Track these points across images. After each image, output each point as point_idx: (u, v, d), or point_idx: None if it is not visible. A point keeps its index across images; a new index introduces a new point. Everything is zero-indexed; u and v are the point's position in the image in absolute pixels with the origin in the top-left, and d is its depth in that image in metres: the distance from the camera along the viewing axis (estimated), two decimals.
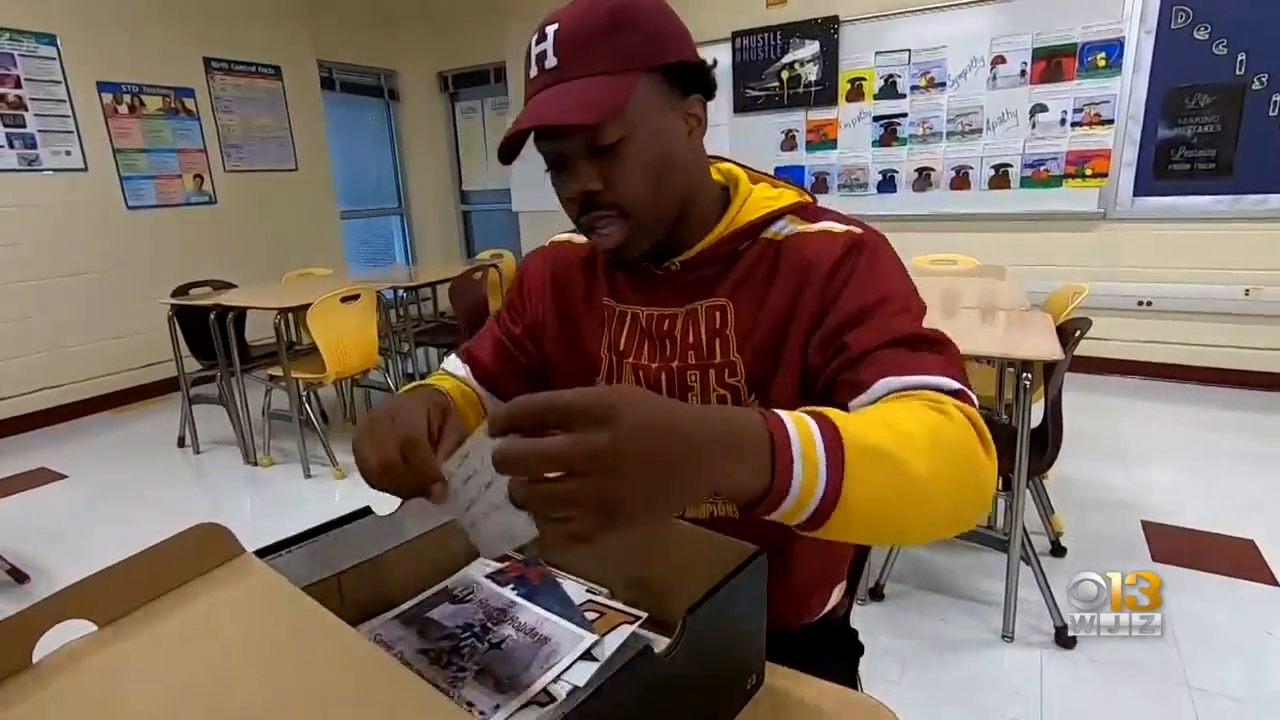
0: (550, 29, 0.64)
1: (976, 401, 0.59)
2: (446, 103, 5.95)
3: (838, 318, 0.67)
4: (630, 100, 0.63)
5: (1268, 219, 3.25)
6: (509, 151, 0.67)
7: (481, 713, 0.50)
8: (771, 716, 0.56)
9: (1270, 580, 1.92)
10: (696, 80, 0.69)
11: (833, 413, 0.48)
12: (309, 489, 2.86)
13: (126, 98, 3.96)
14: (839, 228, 0.72)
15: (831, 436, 0.45)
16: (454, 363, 0.89)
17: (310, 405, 3.12)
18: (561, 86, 0.64)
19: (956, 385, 0.59)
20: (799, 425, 0.45)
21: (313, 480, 2.91)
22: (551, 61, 0.64)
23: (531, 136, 0.66)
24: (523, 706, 0.51)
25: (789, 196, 0.75)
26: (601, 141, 0.64)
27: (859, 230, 0.72)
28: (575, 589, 0.66)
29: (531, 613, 0.61)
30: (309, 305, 2.78)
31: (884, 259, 0.70)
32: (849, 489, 0.44)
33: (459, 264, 4.24)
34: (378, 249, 6.03)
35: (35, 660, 0.46)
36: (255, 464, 3.09)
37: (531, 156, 0.71)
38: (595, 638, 0.56)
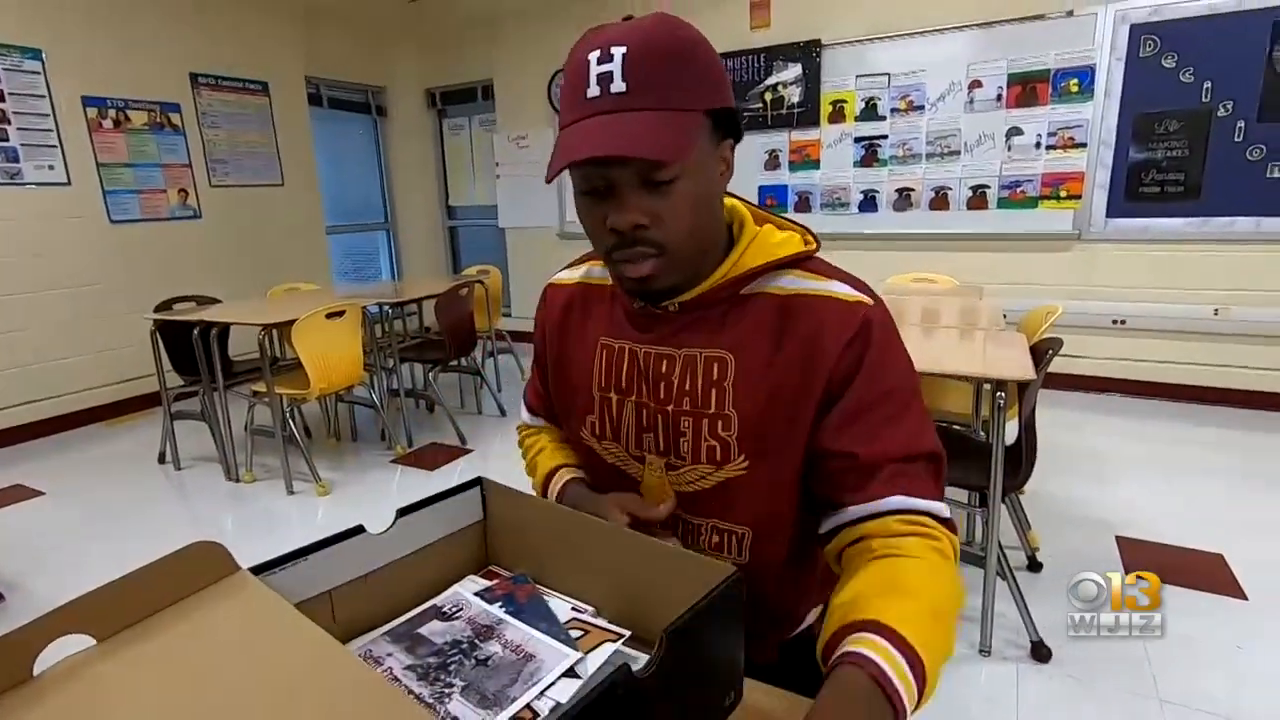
0: (618, 50, 0.61)
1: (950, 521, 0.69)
2: (434, 119, 5.99)
3: (853, 403, 0.69)
4: (696, 141, 0.64)
5: (1235, 241, 3.36)
6: (557, 170, 0.65)
7: None
8: None
9: (1239, 594, 1.97)
10: (732, 124, 0.70)
11: (906, 630, 0.56)
12: (292, 505, 2.84)
13: (111, 112, 3.96)
14: (848, 294, 0.71)
15: (915, 664, 0.55)
16: (524, 415, 1.01)
17: (294, 421, 3.11)
18: (634, 115, 0.61)
19: (947, 514, 0.68)
20: (894, 669, 0.54)
21: (296, 496, 2.90)
22: (620, 85, 0.61)
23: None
24: None
25: (793, 244, 0.74)
26: (659, 177, 0.63)
27: (869, 302, 0.71)
28: (561, 607, 0.67)
29: (518, 630, 0.63)
30: (294, 321, 2.78)
31: (893, 339, 0.71)
32: (930, 680, 0.56)
33: (445, 280, 4.25)
34: (363, 264, 6.03)
35: (35, 674, 0.47)
36: (237, 480, 3.07)
37: (520, 175, 0.72)
38: (579, 655, 0.58)
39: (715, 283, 0.72)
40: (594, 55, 0.62)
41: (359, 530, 0.66)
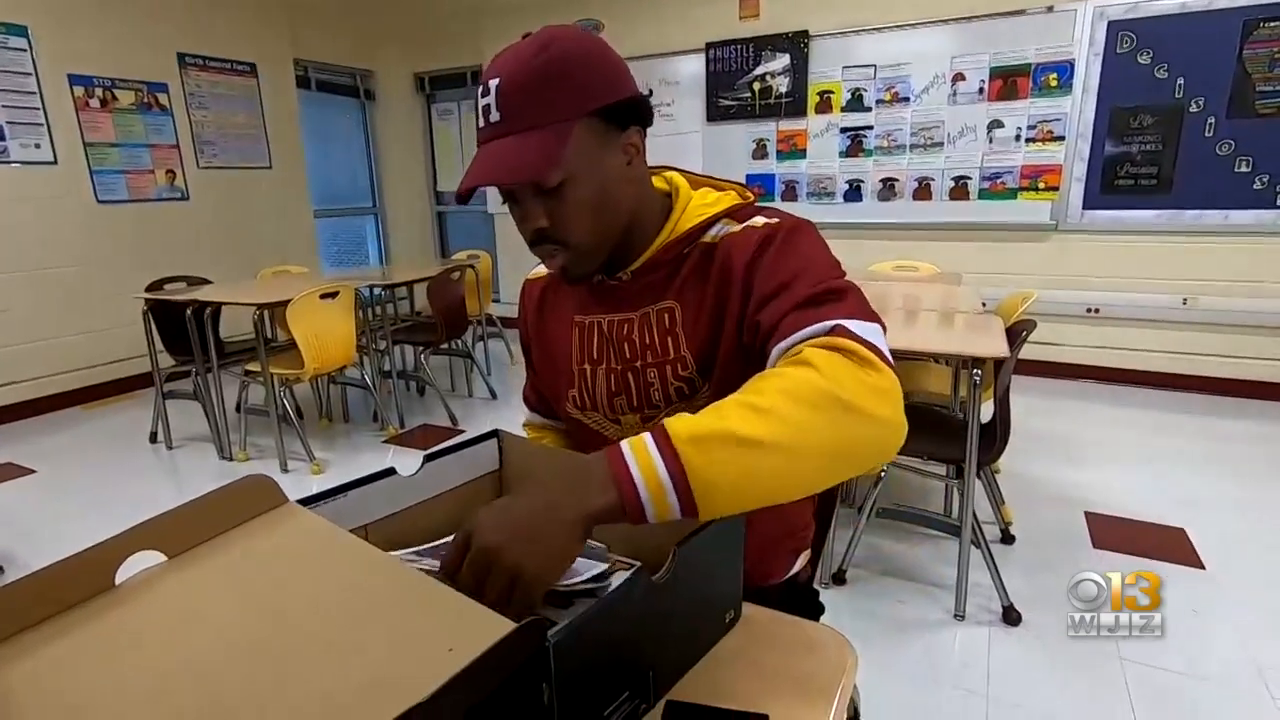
0: (493, 83, 0.69)
1: (862, 329, 0.62)
2: (423, 104, 5.98)
3: (757, 299, 0.72)
4: (567, 149, 0.69)
5: (1203, 233, 3.48)
6: (465, 194, 0.73)
7: None
8: (748, 644, 0.66)
9: (1198, 564, 2.08)
10: (633, 113, 0.74)
11: (670, 420, 0.55)
12: (287, 484, 2.82)
13: (98, 91, 3.93)
14: (761, 221, 0.77)
15: (661, 439, 0.54)
16: (525, 412, 1.07)
17: (286, 401, 3.14)
18: (504, 141, 0.69)
19: (830, 323, 0.62)
20: (633, 443, 0.55)
21: (290, 475, 2.93)
22: (495, 115, 0.69)
23: None
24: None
25: (727, 200, 0.81)
26: (545, 185, 0.70)
27: (777, 220, 0.77)
28: None
29: None
30: (288, 302, 2.81)
31: (799, 239, 0.75)
32: (694, 472, 0.52)
33: (434, 265, 4.28)
34: (351, 248, 6.02)
35: (116, 583, 0.53)
36: (230, 459, 3.10)
37: None
38: (606, 565, 0.64)
39: (657, 248, 0.80)
40: (479, 90, 0.71)
41: (391, 472, 0.73)
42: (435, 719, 0.37)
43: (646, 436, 0.55)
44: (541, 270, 0.96)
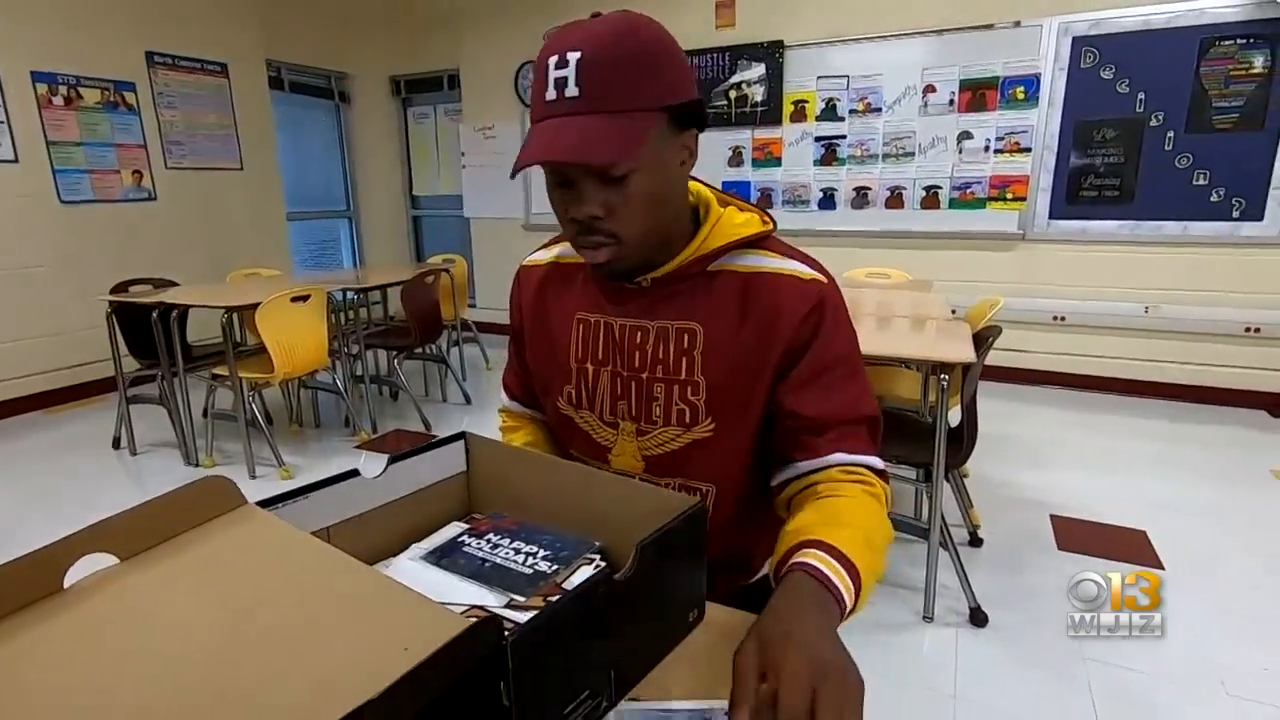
0: (573, 56, 0.65)
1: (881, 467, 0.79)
2: (398, 107, 5.94)
3: (803, 372, 0.78)
4: (646, 140, 0.68)
5: (1163, 243, 3.59)
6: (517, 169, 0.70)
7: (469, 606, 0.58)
8: (712, 643, 0.66)
9: (1158, 565, 2.13)
10: (695, 116, 0.74)
11: (844, 548, 0.65)
12: (255, 490, 2.78)
13: (62, 89, 3.84)
14: (805, 272, 0.79)
15: (852, 572, 0.64)
16: (503, 398, 1.05)
17: (255, 406, 3.08)
18: (584, 119, 0.66)
19: (881, 466, 0.79)
20: (835, 574, 0.63)
21: (259, 481, 2.88)
22: (574, 90, 0.65)
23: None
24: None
25: (754, 224, 0.81)
26: (613, 173, 0.69)
27: (824, 280, 0.79)
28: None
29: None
30: (258, 305, 2.76)
31: (842, 314, 0.80)
32: (864, 592, 0.66)
33: (409, 268, 4.24)
34: (324, 251, 5.95)
35: (65, 585, 0.52)
36: (197, 465, 3.03)
37: (486, 166, 0.77)
38: (597, 546, 0.64)
39: (684, 260, 0.79)
40: (553, 60, 0.66)
41: (354, 473, 0.72)
42: (387, 716, 0.37)
43: (848, 579, 0.64)
44: (539, 257, 0.94)
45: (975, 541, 2.27)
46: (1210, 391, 3.65)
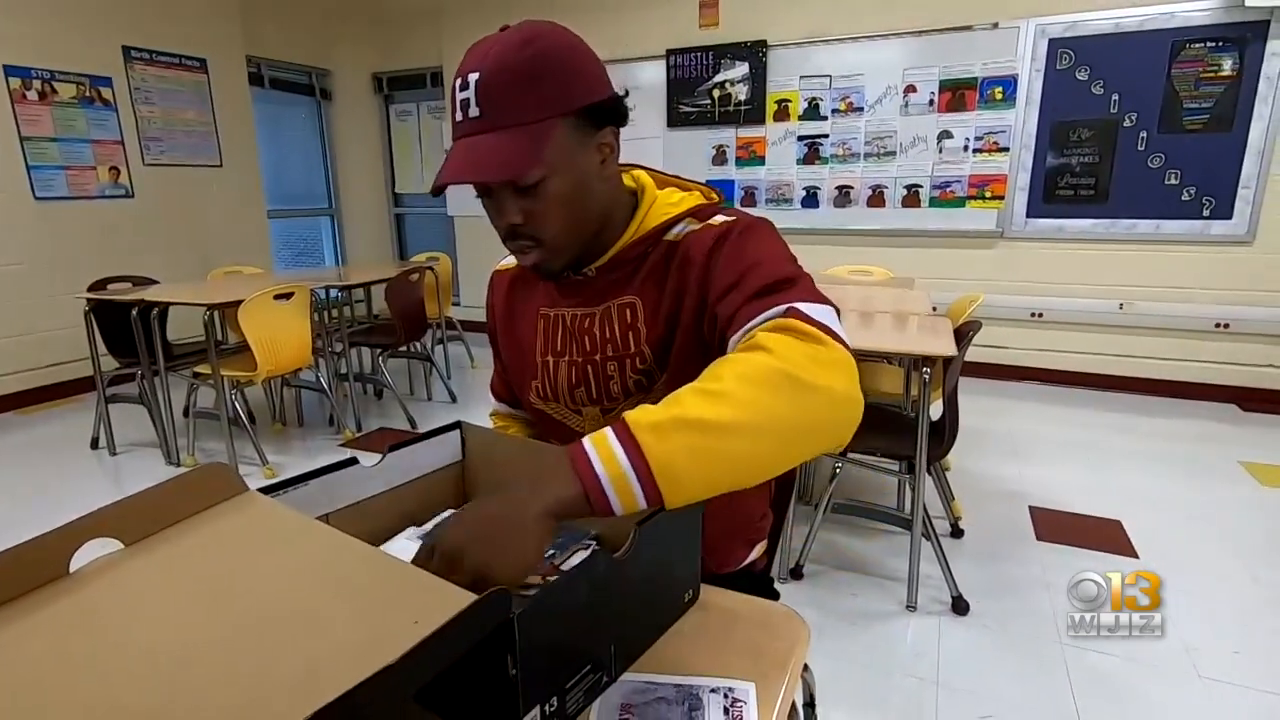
0: (472, 77, 0.68)
1: (813, 310, 0.64)
2: (380, 104, 5.90)
3: (714, 291, 0.74)
4: (547, 148, 0.69)
5: (1137, 241, 3.67)
6: (439, 189, 0.72)
7: None
8: (707, 622, 0.68)
9: (1132, 554, 2.19)
10: (610, 113, 0.75)
11: (629, 411, 0.56)
12: None
13: (36, 83, 3.77)
14: (720, 219, 0.79)
15: (621, 430, 0.54)
16: (492, 401, 1.09)
17: (237, 404, 3.06)
18: (483, 138, 0.69)
19: (782, 307, 0.64)
20: (594, 437, 0.55)
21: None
22: (474, 111, 0.68)
23: None
24: None
25: (691, 200, 0.83)
26: (524, 183, 0.71)
27: (735, 218, 0.79)
28: None
29: None
30: (240, 302, 2.74)
31: (756, 234, 0.77)
32: (655, 460, 0.52)
33: (391, 266, 4.22)
34: (306, 250, 5.89)
35: (71, 570, 0.52)
36: (178, 464, 3.00)
37: None
38: (592, 534, 0.65)
39: (622, 245, 0.82)
40: (458, 83, 0.70)
41: (353, 461, 0.73)
42: (403, 682, 0.38)
43: (607, 429, 0.55)
44: (510, 261, 0.97)
45: (957, 533, 2.31)
46: (1182, 386, 3.74)
